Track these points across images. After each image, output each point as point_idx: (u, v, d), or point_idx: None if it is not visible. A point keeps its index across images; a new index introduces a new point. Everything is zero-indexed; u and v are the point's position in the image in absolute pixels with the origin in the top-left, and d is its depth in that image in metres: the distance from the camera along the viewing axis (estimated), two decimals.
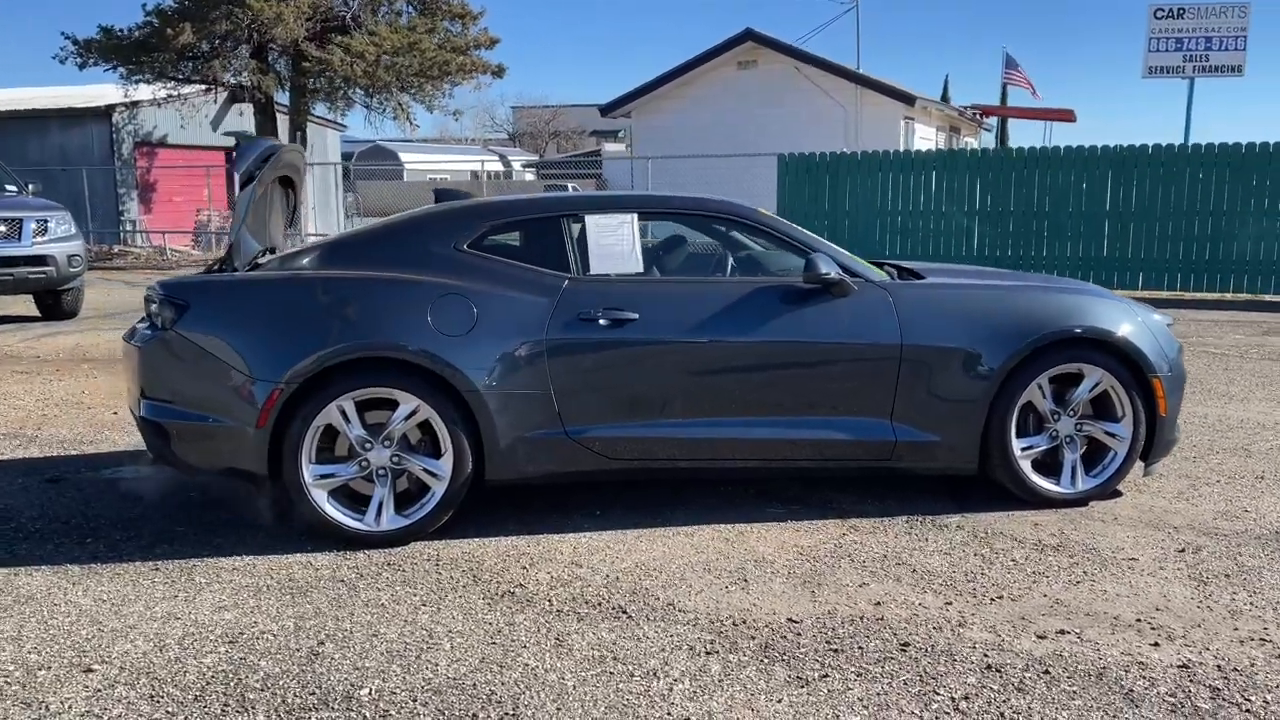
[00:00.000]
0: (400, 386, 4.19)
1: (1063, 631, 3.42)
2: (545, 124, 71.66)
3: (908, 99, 19.66)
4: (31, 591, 3.82)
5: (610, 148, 59.19)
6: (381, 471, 4.26)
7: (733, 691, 3.04)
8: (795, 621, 3.53)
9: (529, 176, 58.05)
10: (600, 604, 3.68)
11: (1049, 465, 4.75)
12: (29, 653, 3.32)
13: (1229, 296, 14.02)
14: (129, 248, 23.66)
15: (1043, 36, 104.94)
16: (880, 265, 5.07)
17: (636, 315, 4.37)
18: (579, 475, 4.49)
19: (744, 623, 3.52)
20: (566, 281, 4.43)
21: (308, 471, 4.19)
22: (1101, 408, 4.75)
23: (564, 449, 4.38)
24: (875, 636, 3.40)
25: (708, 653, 3.29)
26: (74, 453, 5.89)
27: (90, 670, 3.19)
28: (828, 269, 4.45)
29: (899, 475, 4.82)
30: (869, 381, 4.52)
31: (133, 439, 6.15)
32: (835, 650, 3.30)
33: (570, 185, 48.64)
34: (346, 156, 38.07)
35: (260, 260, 4.68)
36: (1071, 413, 4.70)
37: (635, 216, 4.61)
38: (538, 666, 3.20)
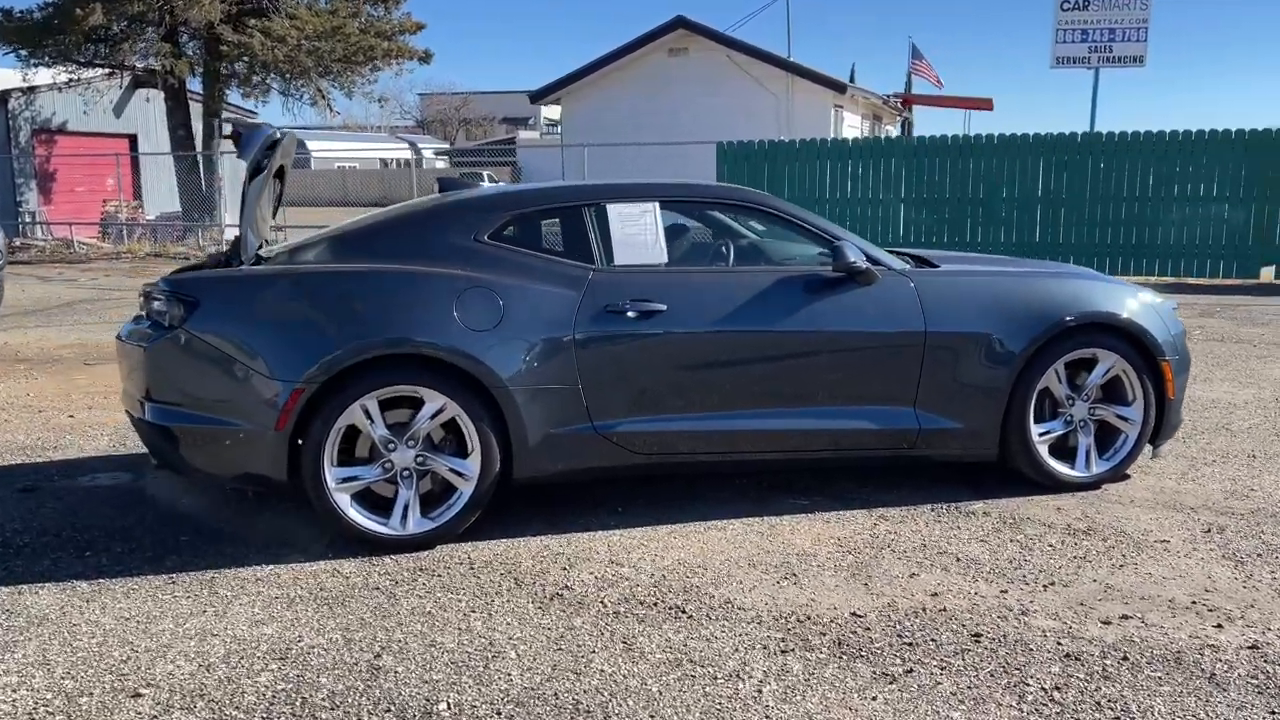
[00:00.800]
0: (426, 384, 4.03)
1: (1125, 617, 3.44)
2: (455, 111, 70.71)
3: (839, 87, 19.85)
4: (43, 611, 3.57)
5: (524, 135, 58.69)
6: (406, 473, 4.09)
7: (823, 691, 2.98)
8: (859, 616, 3.48)
9: (440, 165, 57.19)
10: (656, 604, 3.59)
11: (1061, 450, 4.79)
12: (63, 678, 3.09)
13: (1154, 279, 14.44)
14: (31, 240, 22.55)
15: (955, 26, 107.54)
16: (891, 253, 5.05)
17: (665, 307, 4.27)
18: (605, 471, 4.38)
19: (809, 619, 3.46)
20: (592, 273, 4.31)
21: (330, 475, 4.00)
22: (1111, 391, 4.81)
23: (592, 445, 4.26)
24: (944, 628, 3.37)
25: (783, 651, 3.22)
26: (39, 459, 5.55)
27: (138, 695, 2.98)
28: (855, 257, 4.41)
29: (918, 463, 4.80)
30: (895, 369, 4.50)
31: (99, 444, 5.84)
32: (909, 644, 3.27)
33: (485, 173, 48.11)
34: None
35: (260, 253, 4.44)
36: (1085, 397, 4.75)
37: (657, 205, 4.51)
38: (614, 672, 3.10)
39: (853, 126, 21.66)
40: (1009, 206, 14.86)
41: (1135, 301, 4.79)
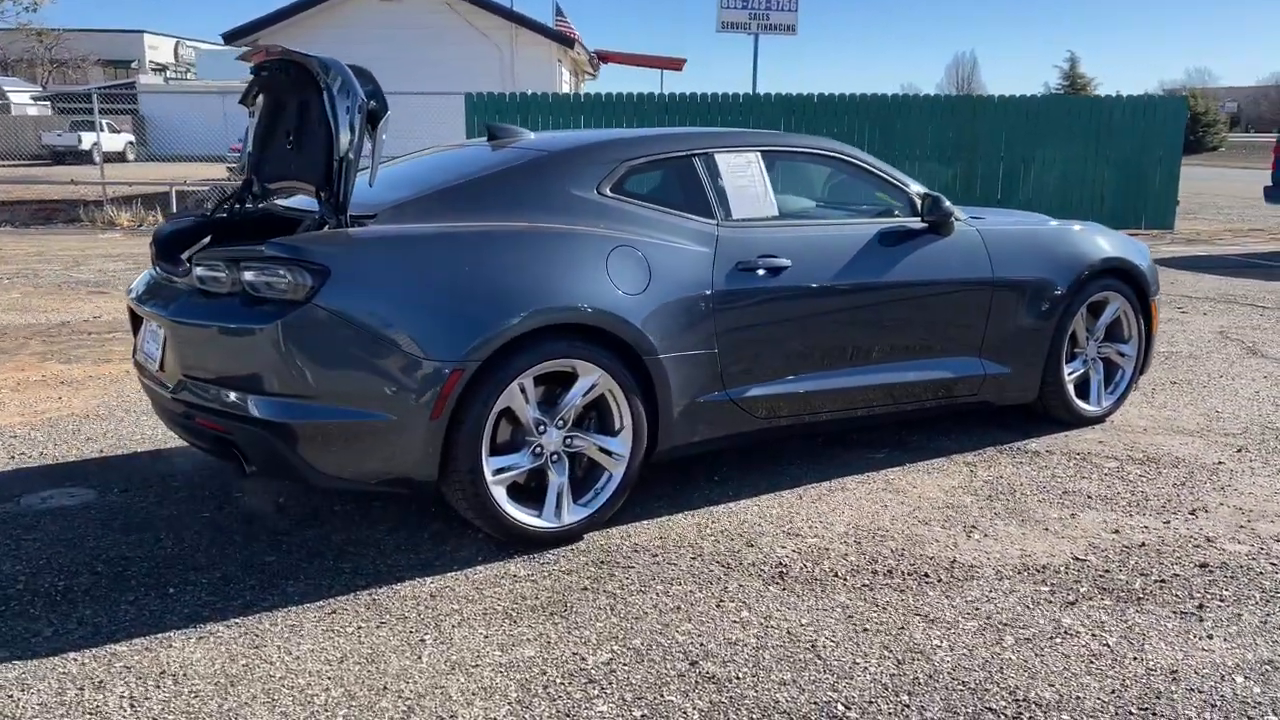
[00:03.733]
0: (583, 356, 3.57)
1: None
2: (46, 50, 62.23)
3: (566, 41, 19.64)
4: (211, 669, 2.80)
5: (145, 79, 52.93)
6: (555, 457, 3.62)
7: (1162, 636, 3.00)
8: (1081, 560, 3.55)
9: (33, 110, 50.08)
10: (891, 572, 3.45)
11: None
12: None
13: None
14: None
15: None
16: None
17: (789, 262, 4.07)
18: (731, 440, 4.11)
19: (1043, 568, 3.48)
20: (717, 227, 4.01)
21: (488, 466, 3.45)
22: (1111, 331, 5.18)
23: (725, 412, 4.00)
24: (1167, 562, 3.52)
25: (1069, 603, 3.22)
26: None
27: None
28: (951, 209, 4.45)
29: (963, 411, 4.93)
30: (969, 318, 4.60)
31: None
32: (1160, 581, 3.38)
33: (105, 122, 42.84)
34: None
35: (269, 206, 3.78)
36: (1095, 338, 5.11)
37: (760, 155, 4.27)
38: (965, 650, 2.93)
39: (565, 82, 21.61)
40: None
41: (1133, 247, 5.20)
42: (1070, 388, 5.00)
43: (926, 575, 3.42)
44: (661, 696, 2.68)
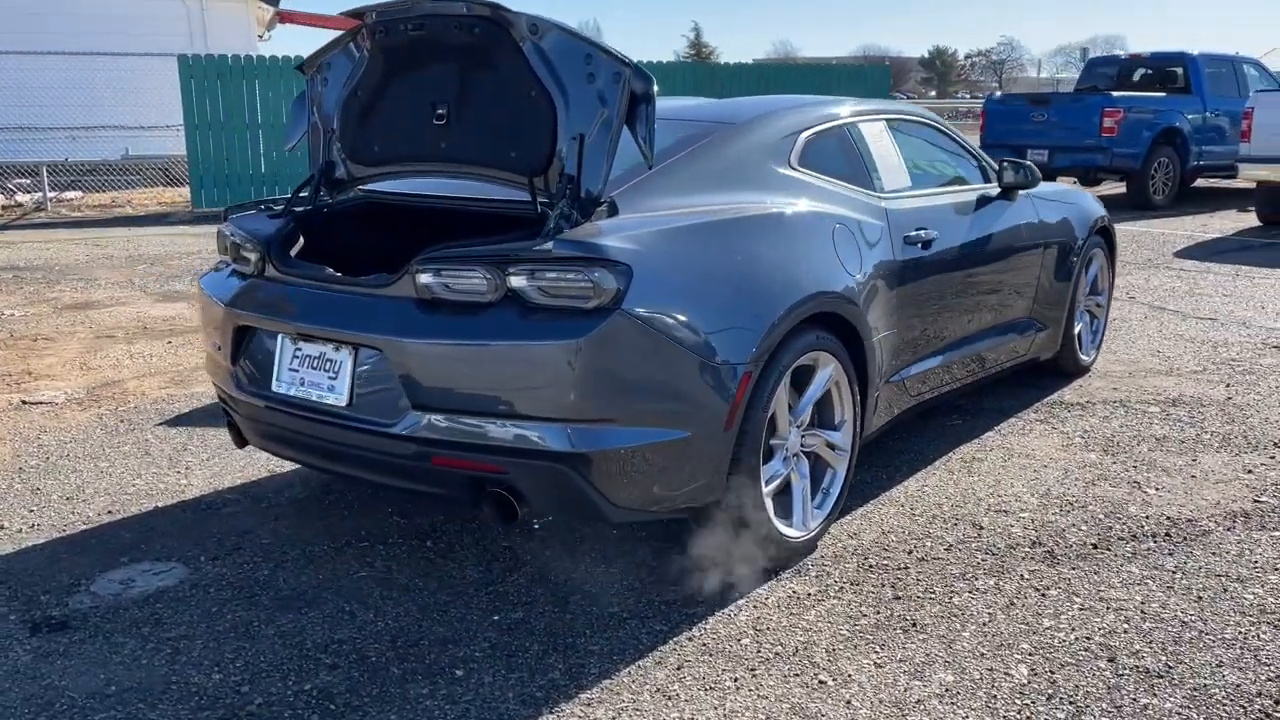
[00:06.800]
0: (825, 346, 3.27)
1: None
2: None
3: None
4: None
5: None
6: (795, 458, 3.31)
7: None
8: (1263, 502, 3.78)
9: None
10: (1135, 536, 3.48)
11: None
12: None
13: None
14: None
15: None
16: None
17: (937, 234, 3.97)
18: (892, 423, 3.94)
19: (1247, 515, 3.66)
20: (881, 200, 3.81)
21: (763, 476, 3.08)
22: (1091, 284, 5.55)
23: (896, 393, 3.84)
24: None
25: None
26: None
27: None
28: (1039, 172, 4.53)
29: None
30: (1029, 278, 4.72)
31: None
32: None
33: None
34: None
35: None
36: (1085, 292, 5.45)
37: (885, 124, 4.09)
38: None
39: (266, 42, 19.54)
40: None
41: (1103, 208, 5.58)
42: (1078, 340, 5.30)
43: (1168, 535, 3.49)
44: (1136, 700, 2.53)
